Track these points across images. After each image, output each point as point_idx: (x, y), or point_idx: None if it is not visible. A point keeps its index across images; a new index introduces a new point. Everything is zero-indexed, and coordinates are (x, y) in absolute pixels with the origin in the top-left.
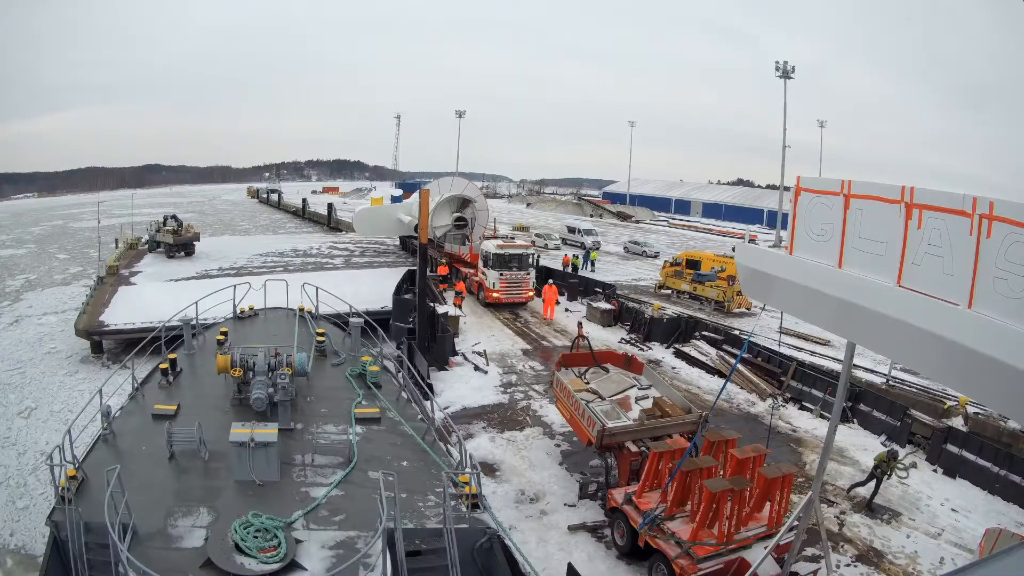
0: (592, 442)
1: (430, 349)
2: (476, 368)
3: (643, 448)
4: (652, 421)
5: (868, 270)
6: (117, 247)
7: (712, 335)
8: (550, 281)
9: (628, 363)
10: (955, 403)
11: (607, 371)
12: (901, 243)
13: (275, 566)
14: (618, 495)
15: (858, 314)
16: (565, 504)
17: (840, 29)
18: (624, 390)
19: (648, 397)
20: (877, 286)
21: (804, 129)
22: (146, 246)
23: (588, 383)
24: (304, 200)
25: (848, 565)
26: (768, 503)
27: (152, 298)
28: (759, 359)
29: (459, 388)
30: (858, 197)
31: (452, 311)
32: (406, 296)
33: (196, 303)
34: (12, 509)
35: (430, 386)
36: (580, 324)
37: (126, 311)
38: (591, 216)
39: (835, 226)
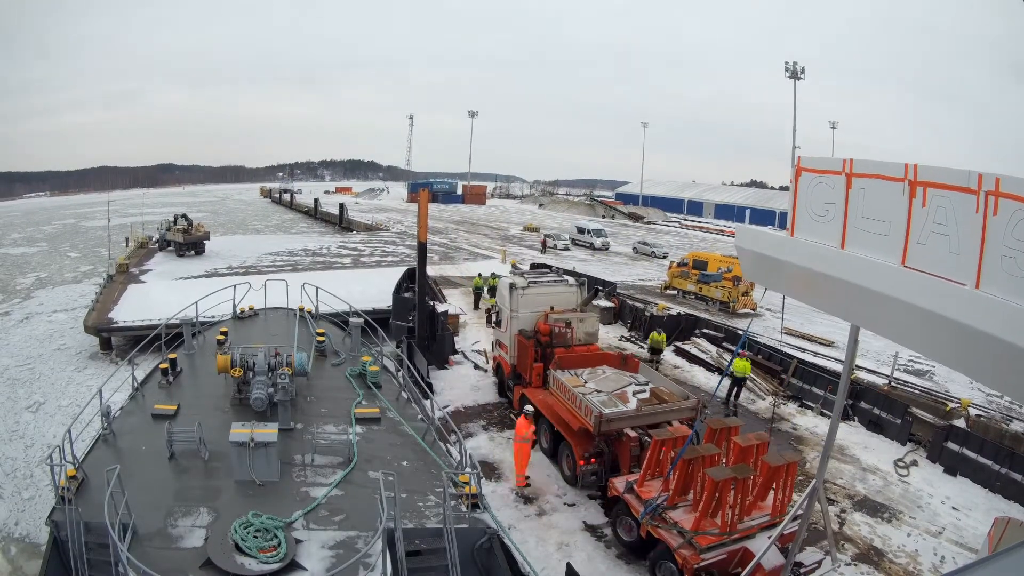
0: (591, 430)
1: (430, 348)
2: (476, 367)
3: (643, 436)
4: (650, 407)
5: (872, 251)
6: (128, 246)
7: (712, 332)
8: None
9: (624, 362)
10: (957, 405)
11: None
12: (905, 222)
13: (275, 566)
14: (619, 483)
15: (862, 296)
16: (564, 504)
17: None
18: (622, 387)
19: (645, 391)
20: (881, 267)
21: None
22: (156, 245)
23: (586, 382)
24: (316, 200)
25: (848, 564)
26: (772, 492)
27: (161, 296)
28: (760, 356)
29: (459, 387)
30: (860, 176)
31: (452, 309)
32: (406, 295)
33: (196, 303)
34: (18, 500)
35: (429, 385)
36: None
37: (135, 308)
38: (603, 217)
39: (837, 206)
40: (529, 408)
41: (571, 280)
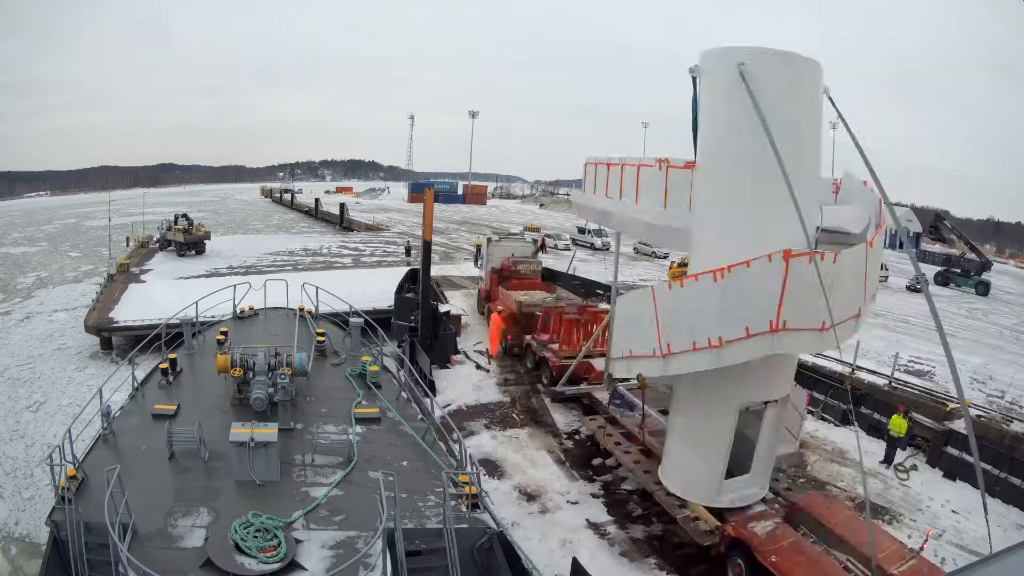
0: (515, 313)
1: (432, 347)
2: (478, 367)
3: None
4: (552, 302)
5: (604, 197)
6: (128, 245)
7: None
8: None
9: (550, 288)
10: (958, 405)
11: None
12: (607, 183)
13: (275, 566)
14: (529, 339)
15: (603, 215)
16: (568, 502)
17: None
18: (542, 298)
19: (558, 300)
20: (609, 200)
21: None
22: (157, 244)
23: (521, 296)
24: (317, 200)
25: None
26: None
27: (161, 295)
28: None
29: (461, 386)
30: (597, 164)
31: (454, 310)
32: (408, 295)
33: (196, 303)
34: (18, 499)
35: (432, 383)
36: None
37: (135, 308)
38: None
39: (600, 180)
40: (500, 307)
41: (528, 237)
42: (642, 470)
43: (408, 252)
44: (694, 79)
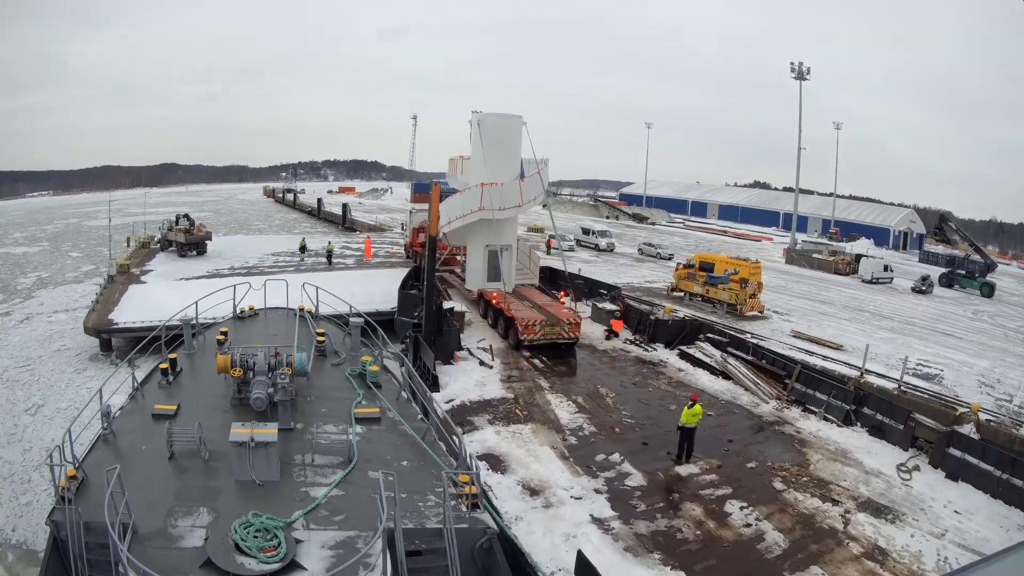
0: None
1: (436, 343)
2: (481, 363)
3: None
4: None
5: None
6: (129, 246)
7: (717, 337)
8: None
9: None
10: (967, 410)
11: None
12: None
13: (275, 566)
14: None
15: (458, 183)
16: (571, 497)
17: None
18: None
19: None
20: (459, 177)
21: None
22: (158, 245)
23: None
24: (319, 200)
25: (853, 560)
26: None
27: (161, 297)
28: (764, 361)
29: (464, 381)
30: (452, 159)
31: (457, 306)
32: (411, 292)
33: (196, 303)
34: (15, 505)
35: (435, 379)
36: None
37: (135, 309)
38: (607, 218)
39: (456, 166)
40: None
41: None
42: (463, 286)
43: (329, 258)
44: (470, 123)
